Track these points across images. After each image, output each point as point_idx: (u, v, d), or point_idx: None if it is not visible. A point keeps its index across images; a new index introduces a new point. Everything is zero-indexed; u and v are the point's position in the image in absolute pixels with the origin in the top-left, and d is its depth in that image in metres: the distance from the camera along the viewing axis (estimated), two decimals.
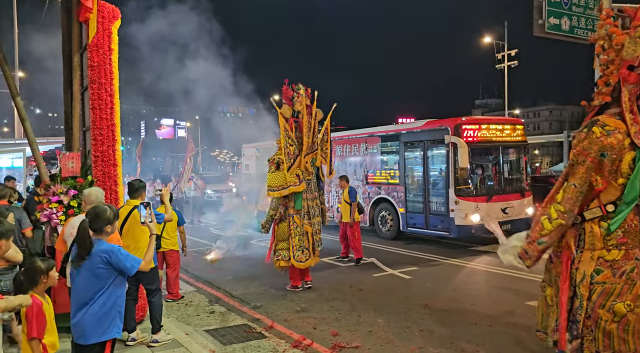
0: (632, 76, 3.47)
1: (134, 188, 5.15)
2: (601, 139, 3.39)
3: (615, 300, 3.42)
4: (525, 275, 7.83)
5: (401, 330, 5.45)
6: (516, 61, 27.96)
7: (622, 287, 3.43)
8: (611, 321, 3.43)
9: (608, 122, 3.51)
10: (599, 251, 3.50)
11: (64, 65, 5.51)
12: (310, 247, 7.26)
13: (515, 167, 11.36)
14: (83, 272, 3.07)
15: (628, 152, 3.43)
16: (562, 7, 9.59)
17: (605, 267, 3.46)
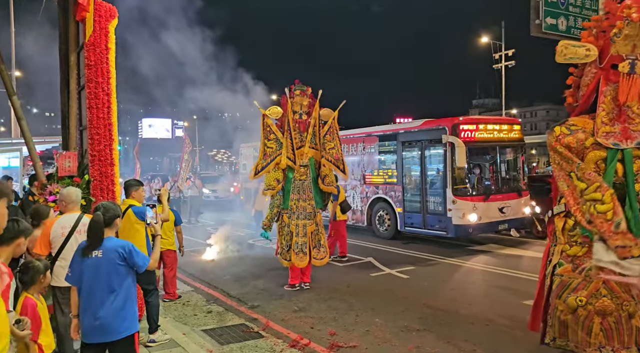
0: (613, 75, 3.53)
1: (128, 186, 5.18)
2: (559, 137, 3.56)
3: (570, 293, 3.58)
4: (523, 274, 7.85)
5: (398, 330, 5.45)
6: (513, 61, 27.99)
7: (580, 282, 3.56)
8: (567, 312, 3.60)
9: (577, 121, 3.67)
10: (563, 245, 3.68)
11: (61, 64, 5.49)
12: (292, 248, 7.27)
13: (512, 166, 11.38)
14: (100, 270, 3.05)
15: (592, 152, 3.52)
16: (559, 7, 9.61)
17: (567, 261, 3.64)
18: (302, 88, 7.60)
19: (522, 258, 9.29)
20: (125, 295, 3.13)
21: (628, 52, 3.48)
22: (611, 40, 3.53)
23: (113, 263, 3.07)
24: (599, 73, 3.61)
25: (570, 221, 3.66)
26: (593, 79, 3.66)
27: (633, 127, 3.49)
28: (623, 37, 3.45)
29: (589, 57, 3.58)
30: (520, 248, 10.17)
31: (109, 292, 3.06)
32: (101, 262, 3.06)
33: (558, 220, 3.76)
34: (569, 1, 9.70)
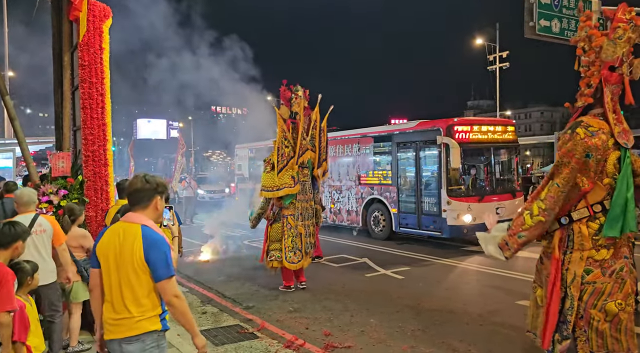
0: (613, 77, 3.53)
1: (123, 188, 5.17)
2: (585, 140, 3.42)
3: (607, 299, 3.43)
4: (516, 274, 7.88)
5: (393, 330, 5.46)
6: (507, 63, 28.14)
7: (613, 286, 3.45)
8: (603, 321, 3.44)
9: (592, 122, 3.56)
10: (588, 251, 3.51)
11: (54, 64, 5.47)
12: (302, 249, 7.26)
13: (506, 167, 11.43)
14: None
15: (612, 152, 3.48)
16: (552, 9, 9.67)
17: (595, 267, 3.48)
18: (300, 90, 7.58)
19: (516, 259, 9.28)
20: None
21: (624, 55, 3.51)
22: (612, 42, 3.54)
23: None
24: (603, 73, 3.60)
25: (595, 225, 3.53)
26: (595, 80, 3.66)
27: (625, 126, 3.53)
28: (626, 40, 3.47)
29: (615, 55, 3.53)
30: None
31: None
32: None
33: (581, 226, 3.59)
34: (563, 3, 9.76)
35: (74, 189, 5.13)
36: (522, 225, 3.60)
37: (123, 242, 2.46)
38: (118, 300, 2.46)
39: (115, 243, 2.48)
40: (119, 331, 2.46)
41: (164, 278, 2.44)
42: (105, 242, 2.52)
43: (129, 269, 2.44)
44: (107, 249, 2.50)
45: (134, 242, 2.43)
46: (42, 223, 4.16)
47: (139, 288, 2.45)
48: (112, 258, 2.47)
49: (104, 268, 2.51)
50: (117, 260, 2.46)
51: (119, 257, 2.45)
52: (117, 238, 2.48)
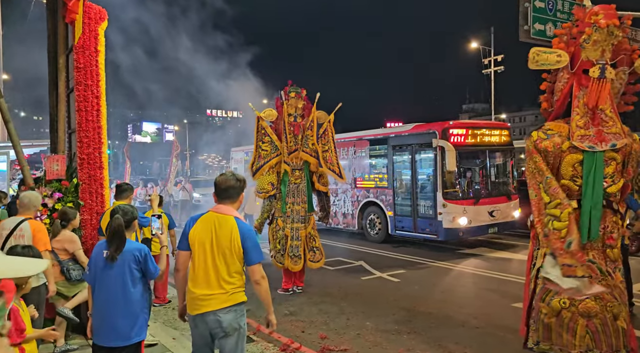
0: (585, 80, 3.61)
1: (121, 190, 5.37)
2: (537, 142, 3.63)
3: (554, 296, 3.61)
4: (512, 277, 7.90)
5: (389, 333, 5.45)
6: (502, 66, 28.27)
7: None
8: (550, 315, 3.62)
9: (553, 126, 3.74)
10: (546, 248, 3.67)
11: (49, 67, 5.44)
12: (286, 252, 7.24)
13: (501, 170, 11.48)
14: (115, 272, 3.02)
15: (569, 155, 3.58)
16: (547, 13, 9.70)
17: None
18: (297, 90, 7.50)
19: (511, 261, 9.35)
20: (138, 300, 3.10)
21: (598, 57, 3.56)
22: (581, 46, 3.61)
23: (129, 266, 3.05)
24: (572, 78, 3.68)
25: None
26: (566, 84, 3.74)
27: (607, 129, 3.56)
28: (592, 43, 3.53)
29: (560, 63, 3.66)
30: (509, 252, 10.24)
31: (123, 295, 3.03)
32: (117, 264, 3.03)
33: None
34: (557, 7, 9.81)
35: (69, 192, 5.10)
36: (559, 234, 3.49)
37: (219, 230, 2.93)
38: (213, 278, 2.92)
39: (211, 230, 2.93)
40: (214, 304, 2.91)
41: (256, 262, 3.00)
42: (199, 230, 2.96)
43: (226, 253, 2.92)
44: (203, 236, 2.94)
45: (231, 231, 2.92)
46: (23, 227, 4.12)
47: (233, 268, 2.95)
48: (208, 243, 2.92)
49: (199, 251, 2.94)
50: (213, 245, 2.92)
51: (215, 243, 2.92)
52: (212, 226, 2.94)
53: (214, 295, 2.92)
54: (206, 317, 2.93)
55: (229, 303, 2.96)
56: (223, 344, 2.99)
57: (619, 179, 3.63)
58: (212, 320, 2.93)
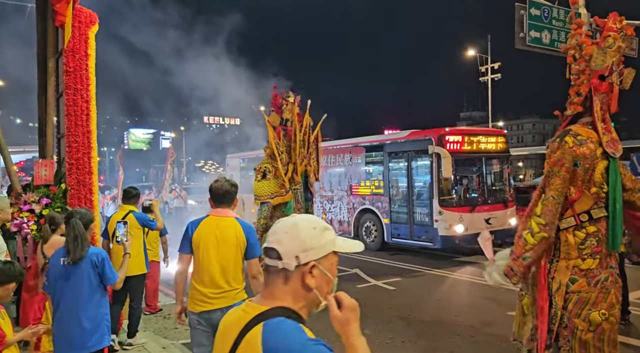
0: (603, 86, 3.52)
1: (130, 195, 5.46)
2: (574, 149, 3.39)
3: (591, 309, 3.41)
4: (508, 286, 7.79)
5: (384, 341, 5.36)
6: (499, 74, 28.38)
7: (597, 295, 3.42)
8: (587, 330, 3.41)
9: (580, 131, 3.55)
10: (574, 260, 3.49)
11: (38, 71, 5.37)
12: None
13: (498, 177, 11.43)
14: (74, 279, 2.94)
15: (600, 161, 3.47)
16: (542, 21, 9.74)
17: (580, 276, 3.45)
18: (291, 96, 7.48)
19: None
20: (98, 306, 3.03)
21: (615, 64, 3.50)
22: (603, 51, 3.53)
23: (86, 271, 2.98)
24: (593, 82, 3.60)
25: (581, 234, 3.52)
26: (585, 88, 3.64)
27: (614, 135, 3.50)
28: (616, 49, 3.46)
29: (605, 63, 3.54)
30: None
31: (84, 301, 2.96)
32: (74, 270, 2.95)
33: (568, 235, 3.58)
34: (552, 15, 9.84)
35: (57, 198, 5.00)
36: (525, 245, 3.46)
37: (223, 230, 3.13)
38: (220, 277, 3.10)
39: (215, 232, 3.13)
40: (222, 302, 3.09)
41: (257, 256, 3.19)
42: (203, 232, 3.14)
43: (232, 251, 3.11)
44: (207, 238, 3.11)
45: (235, 229, 3.14)
46: None
47: (239, 267, 3.16)
48: (213, 244, 3.10)
49: (205, 252, 3.11)
50: (219, 245, 3.10)
51: (221, 243, 3.10)
52: (215, 229, 3.14)
53: (222, 293, 3.10)
54: (212, 314, 3.09)
55: (236, 301, 3.11)
56: None
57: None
58: (219, 318, 2.92)
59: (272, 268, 1.35)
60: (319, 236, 1.37)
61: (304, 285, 1.35)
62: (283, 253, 1.33)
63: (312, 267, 1.34)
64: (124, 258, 3.42)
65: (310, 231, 1.36)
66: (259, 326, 1.24)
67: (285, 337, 1.22)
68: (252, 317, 1.28)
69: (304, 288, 1.35)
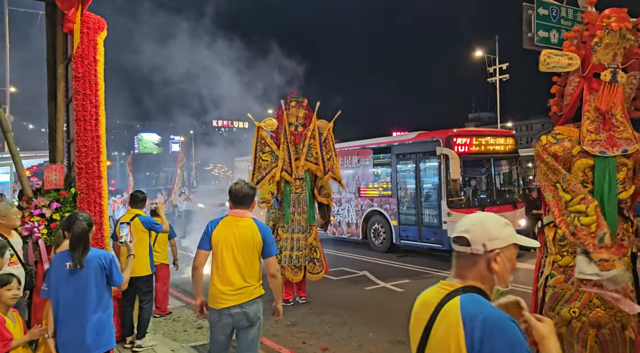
0: (596, 83, 3.52)
1: (138, 200, 5.58)
2: (546, 147, 3.50)
3: (563, 305, 3.49)
4: (519, 287, 7.75)
5: (392, 344, 5.34)
6: (507, 75, 28.22)
7: (573, 293, 3.48)
8: (561, 324, 3.50)
9: (562, 130, 3.62)
10: (554, 256, 3.59)
11: (48, 77, 5.44)
12: (286, 262, 7.14)
13: (507, 178, 11.36)
14: (80, 281, 2.95)
15: (579, 160, 3.49)
16: (550, 20, 9.65)
17: (559, 272, 3.55)
18: (298, 99, 7.49)
19: (517, 270, 9.18)
20: (105, 309, 3.05)
21: (609, 61, 3.48)
22: (592, 50, 3.54)
23: (94, 274, 2.99)
24: (582, 82, 3.61)
25: (560, 231, 3.57)
26: (577, 87, 3.66)
27: (618, 134, 3.47)
28: (604, 46, 3.46)
29: (572, 66, 3.57)
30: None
31: (90, 305, 2.96)
32: (81, 273, 2.95)
33: (548, 231, 3.69)
34: (561, 14, 9.76)
35: (67, 202, 5.06)
36: (589, 230, 3.27)
37: (241, 230, 3.31)
38: (238, 275, 3.28)
39: (233, 232, 3.31)
40: (241, 298, 3.28)
41: (274, 254, 3.39)
42: (223, 231, 3.32)
43: (250, 250, 3.29)
44: (227, 236, 3.29)
45: (252, 229, 3.32)
46: None
47: (256, 265, 3.34)
48: (232, 243, 3.28)
49: (225, 250, 3.28)
50: (237, 243, 3.28)
51: (239, 241, 3.28)
52: (234, 228, 3.32)
53: (241, 290, 3.27)
54: (232, 310, 3.27)
55: (253, 297, 3.33)
56: (246, 333, 3.36)
57: (630, 185, 3.54)
58: (239, 313, 3.28)
59: (461, 254, 1.65)
60: (502, 228, 1.60)
61: (489, 269, 1.58)
62: (472, 240, 1.60)
63: (497, 254, 1.56)
64: (128, 259, 3.43)
65: (495, 224, 1.60)
66: (456, 298, 1.50)
67: (481, 305, 1.46)
68: (448, 292, 1.56)
69: (489, 271, 1.58)
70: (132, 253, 3.46)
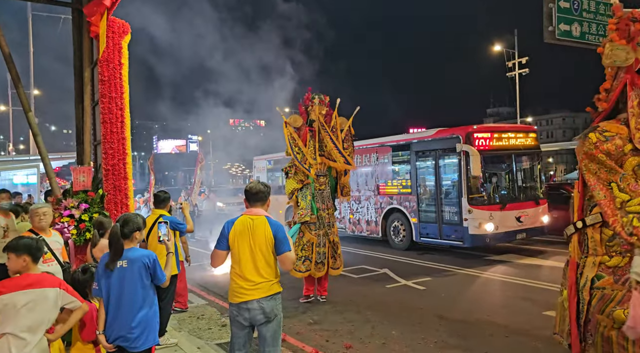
0: (638, 79, 3.45)
1: (160, 200, 5.52)
2: (597, 145, 3.39)
3: (616, 307, 3.38)
4: (542, 284, 7.67)
5: (415, 342, 5.34)
6: (527, 69, 27.80)
7: (624, 294, 3.38)
8: (610, 327, 3.41)
9: (609, 127, 3.51)
10: (601, 257, 3.49)
11: (75, 80, 5.58)
12: (313, 258, 7.18)
13: (528, 174, 11.21)
14: (123, 280, 3.07)
15: (630, 158, 3.41)
16: (572, 13, 9.52)
17: (607, 273, 3.45)
18: (321, 97, 7.55)
19: (541, 267, 9.09)
20: (151, 306, 3.17)
21: None
22: (638, 45, 3.45)
23: (139, 273, 3.11)
24: (626, 77, 3.52)
25: (609, 231, 3.50)
26: (620, 83, 3.57)
27: None
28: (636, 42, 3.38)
29: (629, 60, 3.48)
30: (539, 258, 9.96)
31: (136, 302, 3.08)
32: (126, 273, 3.08)
33: (594, 231, 3.58)
34: (583, 7, 9.62)
35: (95, 203, 5.19)
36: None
37: (255, 228, 3.40)
38: (255, 271, 3.37)
39: (248, 230, 3.41)
40: (258, 293, 3.36)
41: (287, 251, 3.41)
42: (239, 230, 3.42)
43: (263, 247, 3.38)
44: (242, 235, 3.41)
45: (265, 227, 3.40)
46: None
47: (271, 261, 3.41)
48: (247, 240, 3.39)
49: (241, 248, 3.39)
50: (251, 241, 3.38)
51: (253, 239, 3.38)
52: (248, 226, 3.42)
53: (258, 285, 3.36)
54: (250, 305, 3.36)
55: (270, 293, 3.40)
56: (265, 330, 3.43)
57: None
58: (256, 308, 3.37)
59: None
60: None
61: None
62: None
63: None
64: (168, 257, 3.53)
65: None
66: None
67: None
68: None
69: None
70: (171, 251, 3.56)
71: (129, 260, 3.09)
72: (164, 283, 3.26)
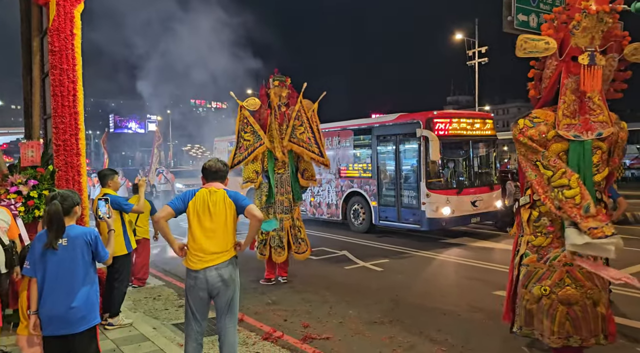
0: (574, 67, 3.58)
1: (102, 176, 5.33)
2: (522, 130, 3.63)
3: (535, 283, 3.68)
4: (494, 266, 7.98)
5: (372, 321, 5.46)
6: (486, 58, 28.41)
7: (544, 272, 3.66)
8: (532, 301, 3.70)
9: (539, 114, 3.75)
10: (528, 236, 3.77)
11: (22, 50, 5.26)
12: (268, 242, 7.18)
13: (484, 161, 11.56)
14: (66, 258, 2.95)
15: (554, 144, 3.59)
16: (530, 4, 9.78)
17: (532, 251, 3.74)
18: (281, 78, 7.36)
19: (493, 250, 9.45)
20: (91, 284, 3.07)
21: (587, 44, 3.51)
22: (570, 33, 3.57)
23: (80, 251, 3.00)
24: (560, 65, 3.65)
25: (535, 212, 3.75)
26: (554, 71, 3.70)
27: (593, 118, 3.54)
28: (581, 30, 3.50)
29: (548, 50, 3.62)
30: (491, 241, 10.34)
31: (77, 281, 2.97)
32: (67, 250, 2.96)
33: (524, 212, 3.85)
34: None
35: (45, 179, 4.96)
36: (574, 201, 3.31)
37: (215, 198, 3.51)
38: (212, 239, 3.47)
39: (206, 200, 3.50)
40: (214, 261, 3.45)
41: (249, 204, 3.54)
42: (198, 200, 3.51)
43: (222, 217, 3.49)
44: (201, 205, 3.49)
45: (223, 196, 3.53)
46: None
47: (229, 230, 3.52)
48: (206, 210, 3.48)
49: (198, 219, 3.48)
50: (210, 212, 3.48)
51: (212, 210, 3.48)
52: (207, 197, 3.51)
53: (215, 253, 3.45)
54: (207, 272, 3.44)
55: (226, 258, 3.49)
56: (222, 295, 3.49)
57: (603, 168, 3.63)
58: (214, 274, 3.44)
59: None
60: None
61: None
62: None
63: None
64: (109, 234, 3.45)
65: None
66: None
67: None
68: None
69: None
70: (112, 229, 3.49)
71: (70, 238, 2.97)
72: (107, 261, 3.17)
